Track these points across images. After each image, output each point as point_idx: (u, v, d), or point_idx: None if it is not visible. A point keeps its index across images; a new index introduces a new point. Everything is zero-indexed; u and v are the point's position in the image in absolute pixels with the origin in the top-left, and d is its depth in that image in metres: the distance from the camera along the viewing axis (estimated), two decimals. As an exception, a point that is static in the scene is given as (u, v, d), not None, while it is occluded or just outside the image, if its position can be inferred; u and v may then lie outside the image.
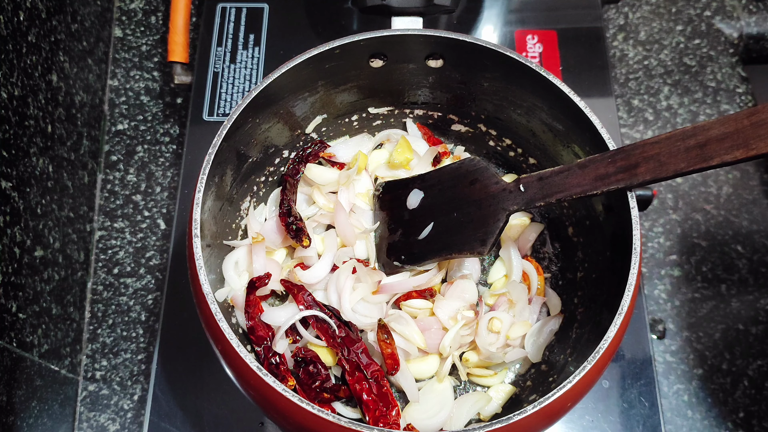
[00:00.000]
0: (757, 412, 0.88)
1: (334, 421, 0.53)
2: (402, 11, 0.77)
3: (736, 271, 0.97)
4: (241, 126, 0.70)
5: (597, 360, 0.57)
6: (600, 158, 0.62)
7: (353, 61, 0.74)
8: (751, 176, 1.03)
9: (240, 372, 0.58)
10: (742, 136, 0.55)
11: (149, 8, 1.13)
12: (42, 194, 0.82)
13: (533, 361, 0.74)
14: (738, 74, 1.10)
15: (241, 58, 0.98)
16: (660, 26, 1.14)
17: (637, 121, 1.06)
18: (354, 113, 0.84)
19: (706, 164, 0.56)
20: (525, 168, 0.83)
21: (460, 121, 0.84)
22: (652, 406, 0.77)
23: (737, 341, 0.92)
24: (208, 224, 0.68)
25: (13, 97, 0.76)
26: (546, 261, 0.82)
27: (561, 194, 0.64)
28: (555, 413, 0.58)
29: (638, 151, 0.60)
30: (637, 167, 0.60)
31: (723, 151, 0.56)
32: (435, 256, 0.73)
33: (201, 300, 0.60)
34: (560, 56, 0.98)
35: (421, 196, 0.76)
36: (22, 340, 0.74)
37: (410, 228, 0.76)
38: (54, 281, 0.83)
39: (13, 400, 0.71)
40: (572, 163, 0.64)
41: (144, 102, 1.06)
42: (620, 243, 0.66)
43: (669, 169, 0.58)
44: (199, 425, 0.76)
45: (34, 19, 0.84)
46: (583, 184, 0.63)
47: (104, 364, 0.90)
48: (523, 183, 0.66)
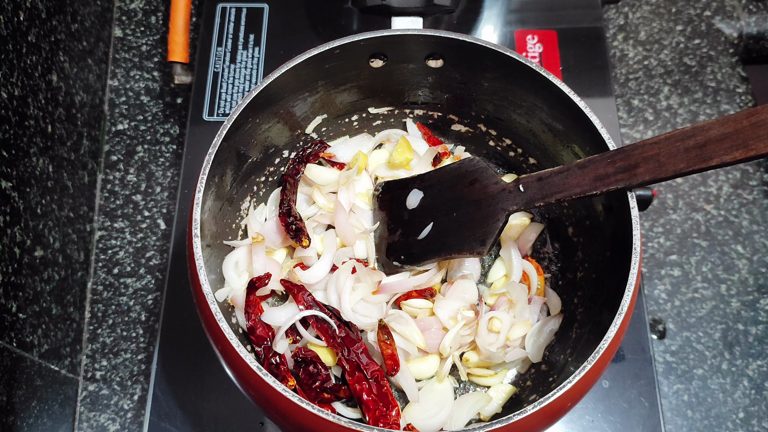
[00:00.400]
0: (757, 412, 0.88)
1: (334, 421, 0.53)
2: (402, 11, 0.77)
3: (736, 271, 0.97)
4: (241, 126, 0.70)
5: (597, 360, 0.57)
6: (599, 158, 0.62)
7: (353, 61, 0.74)
8: (751, 176, 1.03)
9: (240, 372, 0.58)
10: (741, 136, 0.55)
11: (149, 8, 1.13)
12: (42, 194, 0.82)
13: (533, 361, 0.74)
14: (738, 74, 1.10)
15: (241, 58, 0.98)
16: (660, 26, 1.14)
17: (637, 121, 1.06)
18: (354, 113, 0.84)
19: (706, 165, 0.56)
20: (525, 168, 0.83)
21: (460, 121, 0.84)
22: (652, 406, 0.77)
23: (737, 341, 0.92)
24: (208, 224, 0.68)
25: (13, 97, 0.76)
26: (546, 261, 0.82)
27: (560, 194, 0.64)
28: (555, 413, 0.58)
29: (638, 151, 0.60)
30: (637, 167, 0.60)
31: (722, 151, 0.56)
32: (434, 256, 0.73)
33: (201, 300, 0.60)
34: (560, 56, 0.98)
35: (420, 196, 0.76)
36: (22, 340, 0.74)
37: (410, 228, 0.76)
38: (54, 281, 0.83)
39: (13, 400, 0.71)
40: (572, 164, 0.64)
41: (144, 102, 1.06)
42: (620, 243, 0.66)
43: (668, 169, 0.58)
44: (199, 425, 0.76)
45: (34, 19, 0.84)
46: (582, 184, 0.63)
47: (104, 364, 0.90)
48: (522, 183, 0.66)
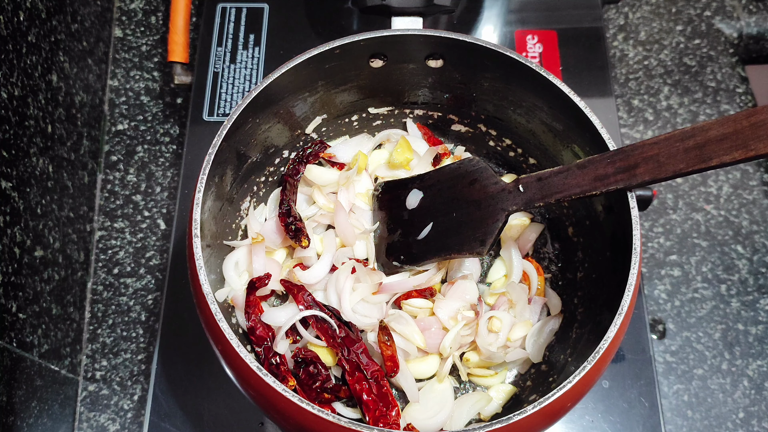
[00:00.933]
0: (757, 412, 0.88)
1: (334, 421, 0.53)
2: (402, 11, 0.77)
3: (736, 271, 0.97)
4: (241, 126, 0.70)
5: (597, 360, 0.57)
6: (599, 159, 0.62)
7: (353, 61, 0.74)
8: (751, 176, 1.02)
9: (240, 372, 0.58)
10: (741, 137, 0.55)
11: (149, 8, 1.13)
12: (42, 194, 0.82)
13: (534, 362, 0.74)
14: (738, 74, 1.10)
15: (241, 58, 0.98)
16: (660, 26, 1.14)
17: (637, 121, 1.06)
18: (354, 113, 0.84)
19: (705, 165, 0.56)
20: (525, 168, 0.83)
21: (460, 121, 0.84)
22: (652, 406, 0.77)
23: (737, 341, 0.92)
24: (208, 224, 0.68)
25: (13, 97, 0.76)
26: (546, 261, 0.82)
27: (560, 194, 0.64)
28: (555, 413, 0.58)
29: (637, 151, 0.60)
30: (636, 168, 0.60)
31: (722, 152, 0.56)
32: (434, 256, 0.73)
33: (201, 300, 0.60)
34: (560, 56, 0.98)
35: (420, 196, 0.76)
36: (22, 340, 0.74)
37: (409, 228, 0.76)
38: (54, 281, 0.83)
39: (13, 400, 0.71)
40: (571, 164, 0.64)
41: (144, 102, 1.06)
42: (620, 243, 0.66)
43: (668, 169, 0.58)
44: (199, 425, 0.76)
45: (34, 19, 0.84)
46: (582, 184, 0.63)
47: (104, 364, 0.90)
48: (522, 183, 0.66)
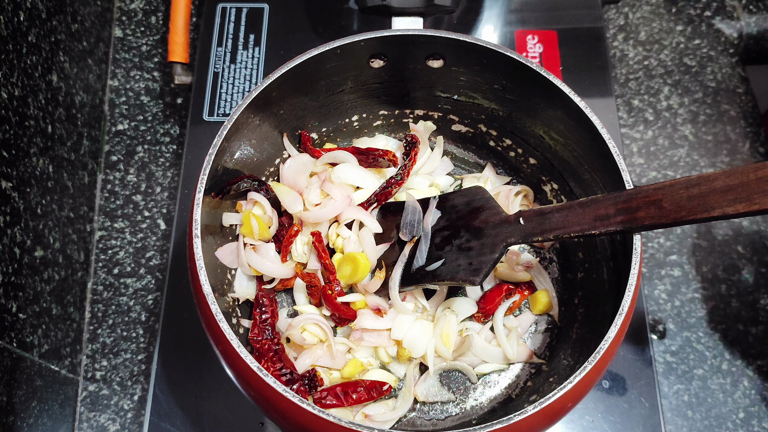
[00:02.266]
0: (757, 412, 0.88)
1: (334, 421, 0.53)
2: (402, 11, 0.77)
3: (736, 271, 0.97)
4: (241, 126, 0.70)
5: (597, 360, 0.57)
6: (602, 198, 0.62)
7: (353, 61, 0.74)
8: (751, 176, 1.02)
9: (240, 372, 0.58)
10: (746, 189, 0.53)
11: (149, 8, 1.13)
12: (42, 194, 0.82)
13: (533, 362, 0.74)
14: (738, 74, 1.10)
15: (241, 58, 0.98)
16: (660, 26, 1.14)
17: (637, 121, 1.06)
18: (354, 113, 0.84)
19: (707, 215, 0.55)
20: (525, 168, 0.83)
21: (461, 121, 0.84)
22: (652, 406, 0.77)
23: (737, 341, 0.92)
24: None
25: (13, 97, 0.76)
26: (546, 261, 0.82)
27: (559, 231, 0.63)
28: (555, 413, 0.58)
29: (641, 195, 0.59)
30: (638, 211, 0.59)
31: (725, 203, 0.54)
32: (430, 280, 0.72)
33: (201, 300, 0.60)
34: (560, 56, 0.98)
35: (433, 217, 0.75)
36: (22, 340, 0.74)
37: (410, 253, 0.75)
38: (54, 281, 0.83)
39: (13, 400, 0.71)
40: (573, 201, 0.64)
41: (144, 102, 1.06)
42: (620, 243, 0.66)
43: (669, 216, 0.57)
44: (199, 425, 0.76)
45: (34, 19, 0.84)
46: (582, 222, 0.62)
47: (104, 364, 0.90)
48: (523, 216, 0.66)
